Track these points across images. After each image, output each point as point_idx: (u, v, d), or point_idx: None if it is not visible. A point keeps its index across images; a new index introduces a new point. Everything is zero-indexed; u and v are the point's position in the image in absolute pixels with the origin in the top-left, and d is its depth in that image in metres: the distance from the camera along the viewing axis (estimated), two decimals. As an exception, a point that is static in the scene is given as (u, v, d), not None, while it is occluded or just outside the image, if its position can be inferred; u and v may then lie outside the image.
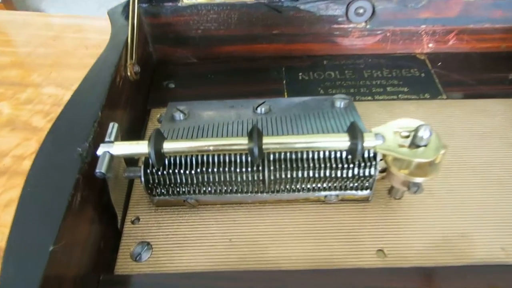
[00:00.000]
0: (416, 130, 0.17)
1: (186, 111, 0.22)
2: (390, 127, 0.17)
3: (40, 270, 0.14)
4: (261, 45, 0.27)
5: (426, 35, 0.27)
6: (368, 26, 0.27)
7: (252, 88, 0.26)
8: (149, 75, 0.27)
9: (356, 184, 0.19)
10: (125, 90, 0.22)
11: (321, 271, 0.17)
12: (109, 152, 0.17)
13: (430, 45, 0.27)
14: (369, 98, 0.25)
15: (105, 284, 0.18)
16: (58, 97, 0.39)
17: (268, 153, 0.18)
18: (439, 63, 0.27)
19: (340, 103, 0.22)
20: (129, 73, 0.22)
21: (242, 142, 0.17)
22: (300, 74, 0.27)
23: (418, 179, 0.17)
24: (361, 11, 0.26)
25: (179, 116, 0.21)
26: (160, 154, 0.17)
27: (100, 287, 0.17)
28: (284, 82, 0.27)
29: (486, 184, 0.21)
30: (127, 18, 0.25)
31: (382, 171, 0.19)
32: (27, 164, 0.33)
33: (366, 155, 0.18)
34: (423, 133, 0.16)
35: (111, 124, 0.18)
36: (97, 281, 0.18)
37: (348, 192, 0.19)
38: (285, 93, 0.26)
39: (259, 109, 0.21)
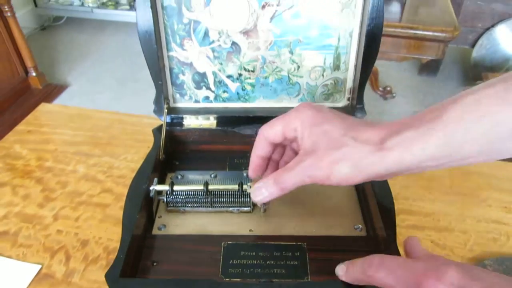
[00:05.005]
0: (262, 184, 0.47)
1: (182, 175, 0.52)
2: (254, 183, 0.48)
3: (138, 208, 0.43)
4: (224, 146, 0.59)
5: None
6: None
7: (212, 166, 0.56)
8: (168, 157, 0.58)
9: (244, 205, 0.49)
10: (158, 165, 0.53)
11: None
12: (155, 189, 0.47)
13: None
14: (264, 172, 0.56)
15: (153, 240, 0.47)
16: (111, 163, 0.66)
17: (212, 190, 0.49)
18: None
19: (246, 174, 0.52)
20: (161, 158, 0.53)
21: (200, 187, 0.47)
22: (235, 160, 0.58)
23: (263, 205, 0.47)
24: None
25: (180, 177, 0.52)
26: (172, 190, 0.47)
27: (150, 241, 0.47)
28: (227, 164, 0.58)
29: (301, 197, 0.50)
30: (160, 132, 0.56)
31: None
32: (95, 199, 0.60)
33: (245, 192, 0.48)
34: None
35: (154, 179, 0.49)
36: (147, 237, 0.47)
37: (241, 208, 0.49)
38: (227, 169, 0.57)
39: (212, 175, 0.52)
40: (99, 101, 2.16)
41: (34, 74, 2.12)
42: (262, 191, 0.37)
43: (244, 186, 0.47)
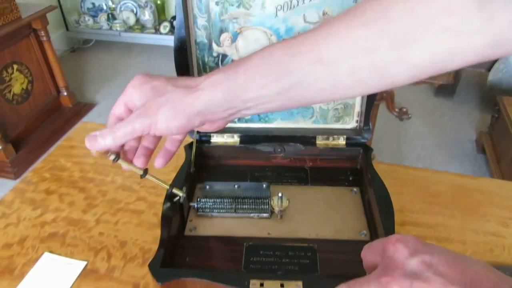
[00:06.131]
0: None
1: (210, 185, 0.60)
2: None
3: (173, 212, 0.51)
4: (246, 161, 0.67)
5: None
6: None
7: (236, 178, 0.64)
8: (197, 170, 0.66)
9: (263, 212, 0.56)
10: (189, 176, 0.61)
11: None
12: (181, 195, 0.55)
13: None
14: (280, 184, 0.63)
15: (185, 240, 0.54)
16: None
17: (238, 197, 0.56)
18: (313, 172, 0.66)
19: (265, 185, 0.60)
20: (191, 171, 0.61)
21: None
22: (256, 173, 0.66)
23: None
24: (280, 150, 0.65)
25: (208, 187, 0.60)
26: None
27: (183, 241, 0.54)
28: (249, 176, 0.65)
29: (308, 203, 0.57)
30: (191, 148, 0.64)
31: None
32: (131, 206, 0.68)
33: (264, 201, 0.56)
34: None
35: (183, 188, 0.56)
36: (180, 237, 0.54)
37: (261, 214, 0.57)
38: (249, 180, 0.64)
39: (235, 186, 0.60)
40: (125, 119, 2.27)
41: (65, 93, 2.26)
42: (98, 140, 0.40)
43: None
